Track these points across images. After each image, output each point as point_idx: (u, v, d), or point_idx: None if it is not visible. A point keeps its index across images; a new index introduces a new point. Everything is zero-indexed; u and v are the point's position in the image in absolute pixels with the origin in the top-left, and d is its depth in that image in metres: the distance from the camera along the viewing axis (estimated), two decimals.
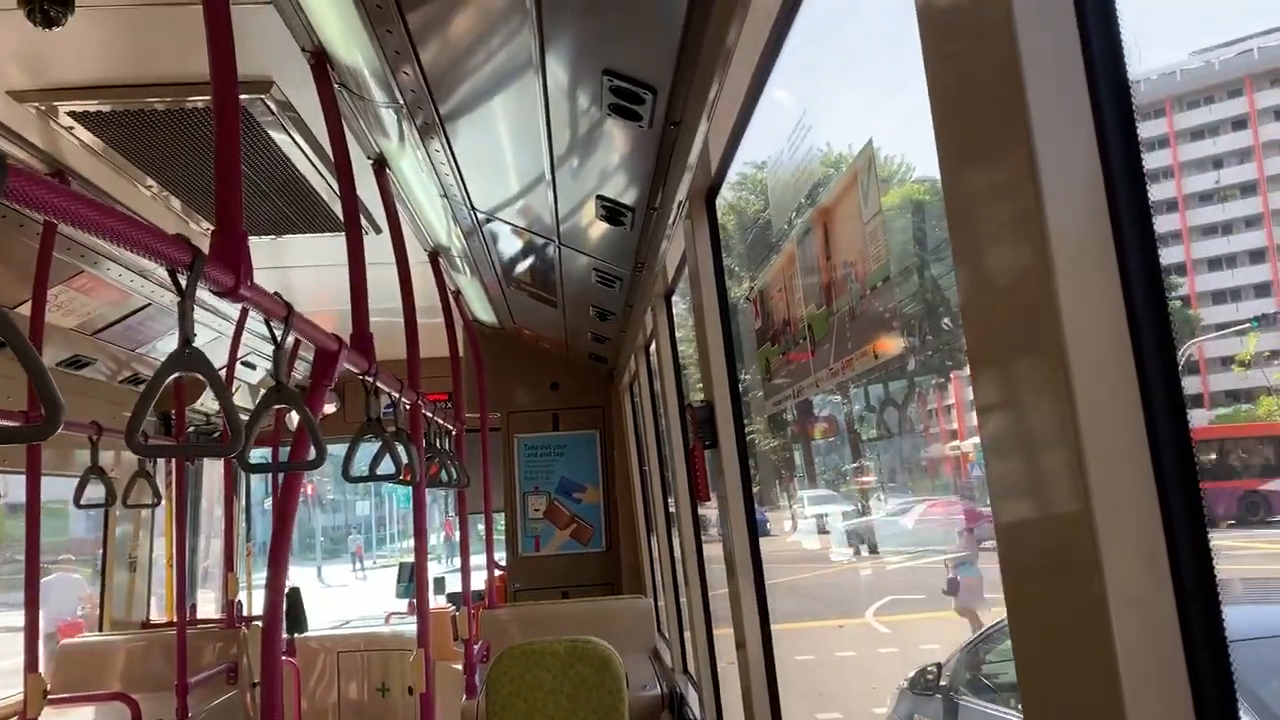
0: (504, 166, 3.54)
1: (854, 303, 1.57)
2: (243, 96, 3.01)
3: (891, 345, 1.42)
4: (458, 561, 5.70)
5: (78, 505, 4.49)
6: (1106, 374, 0.82)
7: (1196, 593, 0.78)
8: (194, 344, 1.60)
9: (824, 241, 1.75)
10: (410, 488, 3.71)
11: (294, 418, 7.18)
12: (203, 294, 1.72)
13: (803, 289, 1.95)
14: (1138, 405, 0.81)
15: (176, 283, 1.59)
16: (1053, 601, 0.87)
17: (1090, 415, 0.81)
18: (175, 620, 5.25)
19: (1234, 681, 0.77)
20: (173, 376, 1.59)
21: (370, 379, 2.75)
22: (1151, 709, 0.77)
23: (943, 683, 6.84)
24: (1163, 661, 0.77)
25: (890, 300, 1.41)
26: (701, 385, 3.17)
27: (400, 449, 2.96)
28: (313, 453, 2.06)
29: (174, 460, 6.33)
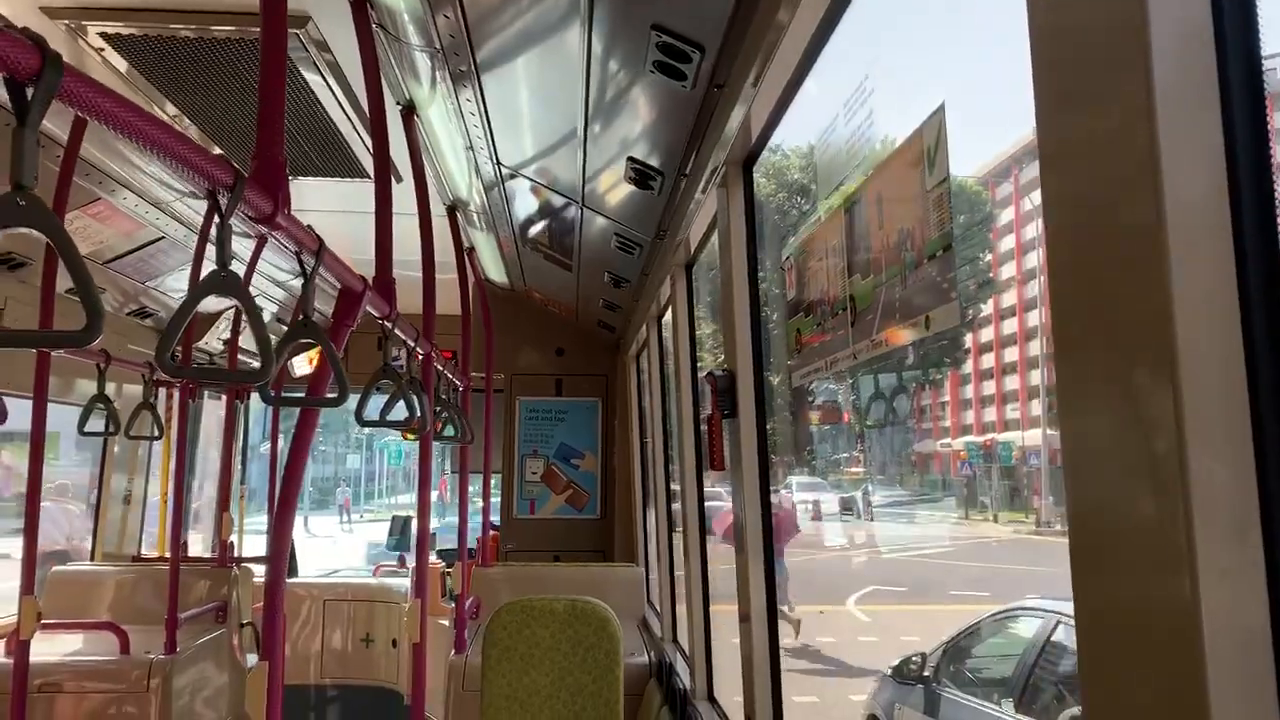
0: (535, 120, 3.50)
1: (906, 272, 1.54)
2: None
3: (949, 316, 1.39)
4: (448, 518, 5.69)
5: (81, 433, 4.47)
6: (1215, 352, 0.79)
7: None
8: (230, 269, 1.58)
9: (877, 210, 1.72)
10: (410, 442, 3.70)
11: (294, 363, 7.14)
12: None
13: (846, 260, 1.92)
14: (1243, 383, 0.79)
15: (216, 204, 1.56)
16: (1133, 585, 0.85)
17: (1195, 401, 0.78)
18: (169, 556, 5.25)
19: None
20: (208, 298, 1.56)
21: (389, 324, 2.72)
22: (1237, 696, 0.74)
23: (925, 673, 6.88)
24: (1251, 645, 0.75)
25: (950, 268, 1.38)
26: (720, 357, 3.14)
27: (414, 398, 2.94)
28: (336, 390, 2.04)
29: (177, 395, 6.31)
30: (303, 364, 7.18)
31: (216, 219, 1.56)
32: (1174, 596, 0.78)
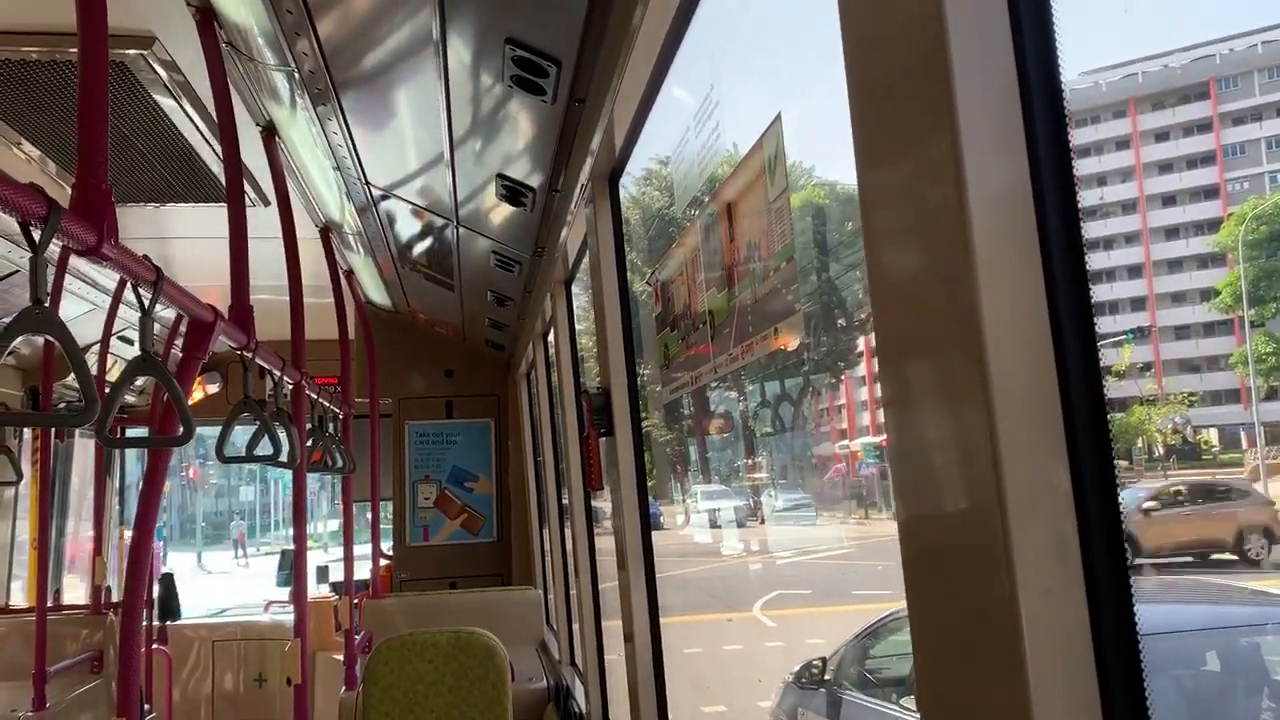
0: (402, 140, 3.42)
1: (756, 285, 1.53)
2: (124, 52, 2.84)
3: (794, 327, 1.38)
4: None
5: None
6: (1025, 366, 0.79)
7: (1109, 588, 0.75)
8: (46, 304, 1.47)
9: (728, 224, 1.70)
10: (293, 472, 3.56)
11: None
12: (79, 262, 1.61)
13: (705, 274, 1.91)
14: (1056, 399, 0.78)
15: (29, 237, 1.46)
16: (958, 596, 0.84)
17: (1007, 410, 0.78)
18: (35, 605, 4.97)
19: (1144, 680, 0.74)
20: (20, 338, 1.46)
21: (249, 355, 2.61)
22: (1059, 705, 0.74)
23: (827, 677, 6.92)
24: (1072, 657, 0.74)
25: (794, 280, 1.37)
26: (599, 375, 3.11)
27: (280, 430, 2.83)
28: (181, 429, 1.94)
29: (40, 436, 6.00)
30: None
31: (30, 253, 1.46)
32: (996, 609, 0.77)
